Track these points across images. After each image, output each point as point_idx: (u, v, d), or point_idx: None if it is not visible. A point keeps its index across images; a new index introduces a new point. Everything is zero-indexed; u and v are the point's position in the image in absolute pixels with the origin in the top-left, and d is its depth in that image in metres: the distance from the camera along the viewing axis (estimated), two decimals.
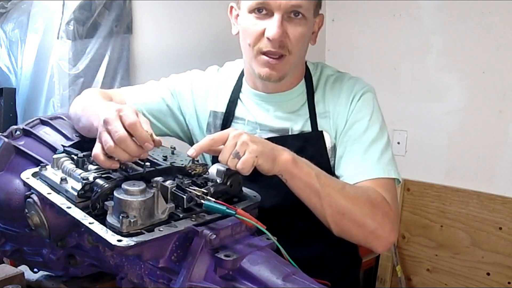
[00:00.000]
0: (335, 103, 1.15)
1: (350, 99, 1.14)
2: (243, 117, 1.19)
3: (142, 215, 0.73)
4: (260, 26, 1.06)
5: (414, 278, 2.35)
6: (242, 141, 0.87)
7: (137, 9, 1.83)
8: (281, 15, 1.04)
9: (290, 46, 1.07)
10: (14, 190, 0.94)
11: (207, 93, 1.24)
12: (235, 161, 0.86)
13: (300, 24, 1.07)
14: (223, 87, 1.23)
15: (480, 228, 2.13)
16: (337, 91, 1.16)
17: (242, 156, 0.86)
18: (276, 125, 1.16)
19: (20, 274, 0.98)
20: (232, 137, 0.88)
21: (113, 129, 0.79)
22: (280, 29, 1.04)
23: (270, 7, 1.04)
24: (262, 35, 1.06)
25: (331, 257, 1.21)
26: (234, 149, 0.86)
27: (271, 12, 1.05)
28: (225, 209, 0.76)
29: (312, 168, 0.97)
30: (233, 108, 1.20)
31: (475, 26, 2.06)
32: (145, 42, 1.89)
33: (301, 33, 1.07)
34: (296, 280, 0.72)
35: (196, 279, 0.74)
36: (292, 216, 1.15)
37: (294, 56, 1.09)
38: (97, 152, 0.82)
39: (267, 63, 1.08)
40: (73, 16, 1.62)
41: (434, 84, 2.22)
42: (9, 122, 1.73)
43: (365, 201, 0.99)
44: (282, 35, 1.05)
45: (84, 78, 1.69)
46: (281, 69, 1.10)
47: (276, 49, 1.06)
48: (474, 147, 2.13)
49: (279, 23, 1.04)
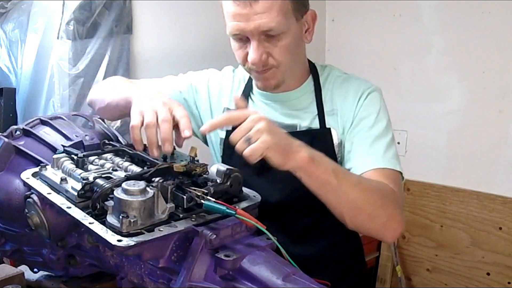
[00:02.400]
0: (343, 100, 1.16)
1: (357, 97, 1.15)
2: None
3: (142, 215, 0.73)
4: (242, 50, 1.10)
5: (414, 278, 2.35)
6: (258, 128, 0.86)
7: (137, 9, 1.83)
8: (256, 40, 1.06)
9: (274, 62, 1.09)
10: (14, 190, 0.94)
11: (222, 90, 1.27)
12: (244, 146, 0.85)
13: (279, 39, 1.07)
14: (237, 86, 1.27)
15: (480, 228, 2.13)
16: (345, 89, 1.18)
17: (253, 143, 0.85)
18: (284, 121, 1.18)
19: (20, 274, 0.98)
20: (250, 121, 0.87)
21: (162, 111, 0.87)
22: (258, 54, 1.06)
23: (244, 34, 1.06)
24: (247, 57, 1.09)
25: (334, 257, 1.22)
26: (247, 132, 0.86)
27: (247, 38, 1.07)
28: (225, 209, 0.76)
29: (329, 164, 0.95)
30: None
31: (475, 26, 2.06)
32: (145, 42, 1.89)
33: (283, 46, 1.08)
34: (296, 280, 0.72)
35: (196, 279, 0.74)
36: (297, 212, 1.16)
37: (284, 65, 1.11)
38: (137, 124, 0.87)
39: (259, 77, 1.13)
40: (73, 16, 1.62)
41: (434, 84, 2.22)
42: (9, 122, 1.72)
43: (379, 194, 1.00)
44: (262, 58, 1.07)
45: (84, 78, 1.69)
46: (274, 78, 1.12)
47: (261, 69, 1.09)
48: (474, 147, 2.13)
49: (256, 48, 1.06)
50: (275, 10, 1.03)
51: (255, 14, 1.02)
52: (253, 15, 1.02)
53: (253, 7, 1.02)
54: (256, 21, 1.03)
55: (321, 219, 1.16)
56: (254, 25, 1.03)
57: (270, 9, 1.02)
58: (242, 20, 1.04)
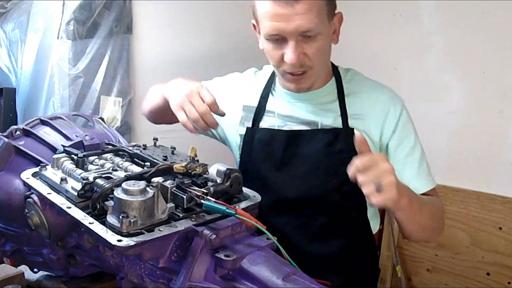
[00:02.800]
0: (372, 109, 1.20)
1: (389, 110, 1.19)
2: (274, 110, 1.24)
3: (142, 215, 0.73)
4: (278, 51, 1.10)
5: (414, 278, 2.35)
6: (389, 181, 0.90)
7: (137, 9, 1.83)
8: (295, 40, 1.07)
9: (310, 63, 1.11)
10: (14, 190, 0.94)
11: (242, 90, 1.29)
12: (372, 190, 0.90)
13: (316, 40, 1.09)
14: (256, 85, 1.29)
15: (480, 228, 2.12)
16: (373, 98, 1.21)
17: (382, 191, 0.89)
18: (306, 117, 1.20)
19: (20, 274, 0.98)
20: (381, 170, 0.90)
21: (196, 101, 1.00)
22: (296, 54, 1.08)
23: (283, 35, 1.07)
24: (282, 59, 1.10)
25: (349, 257, 1.24)
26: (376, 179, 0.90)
27: (285, 38, 1.08)
28: (225, 209, 0.76)
29: (414, 199, 1.02)
30: (264, 102, 1.25)
31: (475, 26, 2.06)
32: (145, 42, 1.89)
33: (319, 47, 1.10)
34: (296, 280, 0.72)
35: (196, 279, 0.74)
36: (315, 210, 1.19)
37: (317, 67, 1.14)
38: (185, 120, 1.01)
39: (293, 79, 1.15)
40: (73, 16, 1.63)
41: (434, 84, 2.21)
42: (9, 122, 1.73)
43: (439, 211, 1.17)
44: (300, 58, 1.09)
45: (84, 78, 1.70)
46: (307, 81, 1.16)
47: (297, 70, 1.11)
48: (474, 147, 2.13)
49: (294, 49, 1.07)
50: (314, 11, 1.05)
51: (296, 15, 1.04)
52: (294, 16, 1.04)
53: (295, 8, 1.04)
54: (297, 22, 1.04)
55: (338, 219, 1.20)
56: (294, 26, 1.05)
57: (310, 10, 1.05)
58: (282, 21, 1.05)
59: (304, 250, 1.18)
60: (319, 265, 1.08)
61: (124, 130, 1.86)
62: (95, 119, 1.13)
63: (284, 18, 1.05)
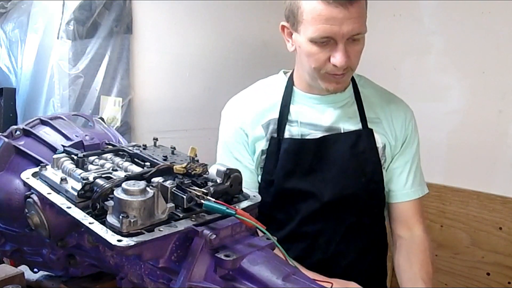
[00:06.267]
0: (387, 115, 1.25)
1: (404, 118, 1.27)
2: (296, 119, 1.24)
3: (142, 215, 0.73)
4: (324, 54, 1.11)
5: None
6: None
7: (137, 9, 1.83)
8: (344, 43, 1.08)
9: (352, 64, 1.13)
10: (14, 190, 0.93)
11: (257, 113, 1.26)
12: None
13: (359, 42, 1.11)
14: (272, 99, 1.26)
15: (480, 228, 2.12)
16: (386, 104, 1.27)
17: None
18: (328, 124, 1.22)
19: (20, 274, 0.98)
20: None
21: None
22: (345, 57, 1.09)
23: (334, 37, 1.08)
24: (327, 61, 1.11)
25: (371, 255, 1.30)
26: None
27: (334, 40, 1.08)
28: (225, 209, 0.76)
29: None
30: (286, 112, 1.24)
31: (475, 26, 2.06)
32: (145, 42, 1.89)
33: (360, 50, 1.13)
34: (296, 280, 0.72)
35: (196, 279, 0.74)
36: (345, 211, 1.23)
37: (354, 68, 1.17)
38: None
39: (334, 80, 1.15)
40: (73, 16, 1.63)
41: (434, 84, 2.22)
42: (9, 122, 1.73)
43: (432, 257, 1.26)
44: (347, 60, 1.10)
45: (84, 78, 1.70)
46: (346, 82, 1.19)
47: (341, 72, 1.13)
48: (474, 147, 2.13)
49: (344, 51, 1.09)
50: (363, 14, 1.08)
51: (349, 18, 1.05)
52: (348, 19, 1.05)
53: (350, 11, 1.05)
54: (350, 25, 1.06)
55: (364, 217, 1.25)
56: (348, 29, 1.06)
57: (361, 14, 1.07)
58: (336, 24, 1.05)
59: (331, 251, 1.24)
60: (344, 265, 1.15)
61: (124, 130, 1.86)
62: (95, 119, 1.13)
63: (338, 22, 1.05)
